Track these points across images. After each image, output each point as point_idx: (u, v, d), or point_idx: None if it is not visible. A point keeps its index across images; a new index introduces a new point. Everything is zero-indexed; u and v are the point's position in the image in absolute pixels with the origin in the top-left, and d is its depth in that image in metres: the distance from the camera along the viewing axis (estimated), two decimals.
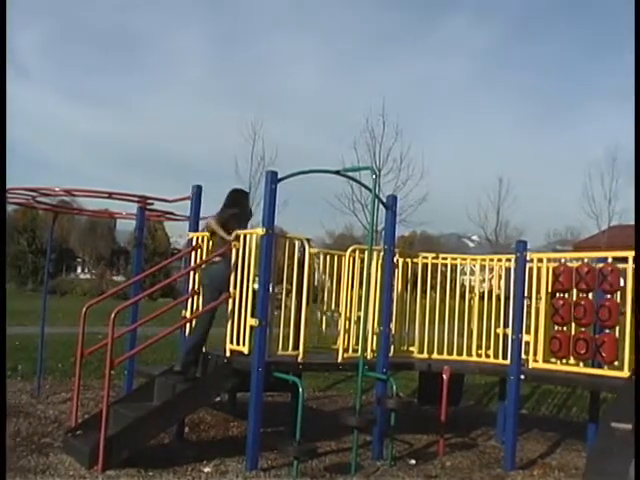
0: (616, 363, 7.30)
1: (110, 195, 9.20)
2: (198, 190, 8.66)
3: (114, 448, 6.49)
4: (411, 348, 8.71)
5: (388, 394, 7.70)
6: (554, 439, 9.15)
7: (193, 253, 8.11)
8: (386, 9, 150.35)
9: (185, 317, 7.95)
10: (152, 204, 9.79)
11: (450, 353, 8.66)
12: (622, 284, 7.34)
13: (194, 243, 8.15)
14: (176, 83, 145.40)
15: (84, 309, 7.42)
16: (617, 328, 7.53)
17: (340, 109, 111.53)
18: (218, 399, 8.72)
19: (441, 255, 8.93)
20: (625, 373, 6.67)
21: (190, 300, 7.95)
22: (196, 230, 8.48)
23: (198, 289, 7.85)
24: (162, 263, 9.92)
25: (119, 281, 44.91)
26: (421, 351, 8.62)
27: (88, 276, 62.97)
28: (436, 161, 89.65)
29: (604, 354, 7.31)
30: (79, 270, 70.52)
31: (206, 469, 6.79)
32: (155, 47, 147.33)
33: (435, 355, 8.63)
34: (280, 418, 8.42)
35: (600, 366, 7.49)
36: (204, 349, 7.67)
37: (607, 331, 7.57)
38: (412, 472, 7.17)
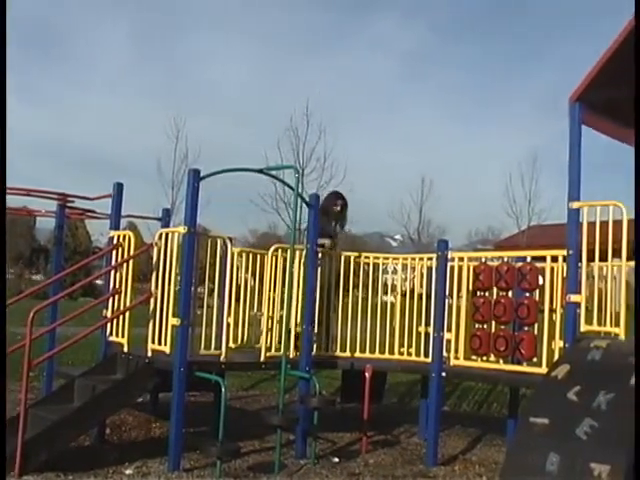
0: (535, 360, 7.43)
1: (29, 192, 9.00)
2: (119, 188, 8.52)
3: (32, 452, 6.33)
4: (334, 347, 8.74)
5: (311, 393, 7.70)
6: (475, 435, 9.30)
7: (114, 252, 7.99)
8: (314, 9, 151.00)
9: (106, 317, 7.82)
10: (73, 202, 9.61)
11: (372, 351, 8.69)
12: (541, 282, 7.49)
13: (115, 242, 8.02)
14: (96, 78, 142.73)
15: None
16: (535, 325, 7.68)
17: (265, 108, 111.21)
18: (140, 400, 8.62)
19: (363, 254, 8.94)
20: (543, 369, 6.80)
21: (111, 299, 7.83)
22: (117, 228, 8.35)
23: (120, 288, 7.75)
24: (83, 262, 9.76)
25: (38, 280, 43.93)
26: (344, 350, 8.64)
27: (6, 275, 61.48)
28: (360, 161, 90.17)
29: (523, 351, 7.43)
30: None
31: (128, 471, 6.68)
32: (77, 41, 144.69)
33: (358, 353, 8.66)
34: (203, 418, 8.35)
35: (519, 363, 7.62)
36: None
37: (526, 329, 7.69)
38: (335, 470, 7.19)
